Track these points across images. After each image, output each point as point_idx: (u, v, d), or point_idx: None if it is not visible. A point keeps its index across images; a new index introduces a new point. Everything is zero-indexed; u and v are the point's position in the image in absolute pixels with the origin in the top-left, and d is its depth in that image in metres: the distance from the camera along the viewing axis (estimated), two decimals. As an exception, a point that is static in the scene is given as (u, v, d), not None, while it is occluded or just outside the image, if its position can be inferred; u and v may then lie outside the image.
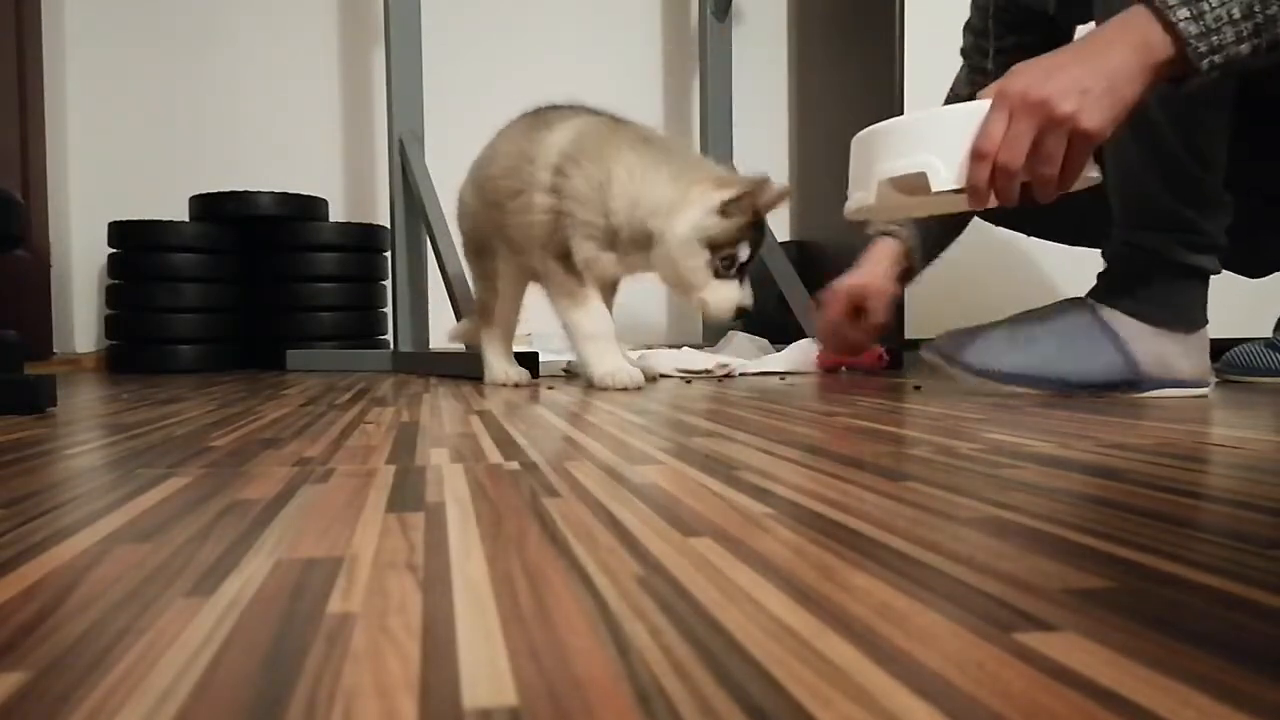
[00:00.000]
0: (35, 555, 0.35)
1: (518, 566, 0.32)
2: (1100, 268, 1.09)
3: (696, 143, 2.51)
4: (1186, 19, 0.81)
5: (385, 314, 2.40)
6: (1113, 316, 1.04)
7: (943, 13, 1.52)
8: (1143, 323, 1.03)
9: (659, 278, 1.29)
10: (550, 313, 1.35)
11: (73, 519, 0.42)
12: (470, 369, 1.52)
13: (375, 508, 0.43)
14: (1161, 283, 1.02)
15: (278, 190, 2.30)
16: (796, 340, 1.80)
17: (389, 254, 2.21)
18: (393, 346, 2.17)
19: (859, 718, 0.20)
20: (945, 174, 0.88)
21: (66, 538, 0.38)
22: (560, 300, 1.30)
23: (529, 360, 1.50)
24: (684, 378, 1.55)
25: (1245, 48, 0.82)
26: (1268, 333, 1.36)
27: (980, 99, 0.89)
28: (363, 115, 2.57)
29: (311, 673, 0.23)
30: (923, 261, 1.35)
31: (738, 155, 2.38)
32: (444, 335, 1.69)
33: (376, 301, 2.40)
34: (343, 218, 2.52)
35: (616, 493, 0.47)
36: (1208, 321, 1.05)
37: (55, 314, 2.38)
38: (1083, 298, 1.07)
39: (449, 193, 1.80)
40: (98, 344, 2.45)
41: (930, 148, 0.90)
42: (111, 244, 2.24)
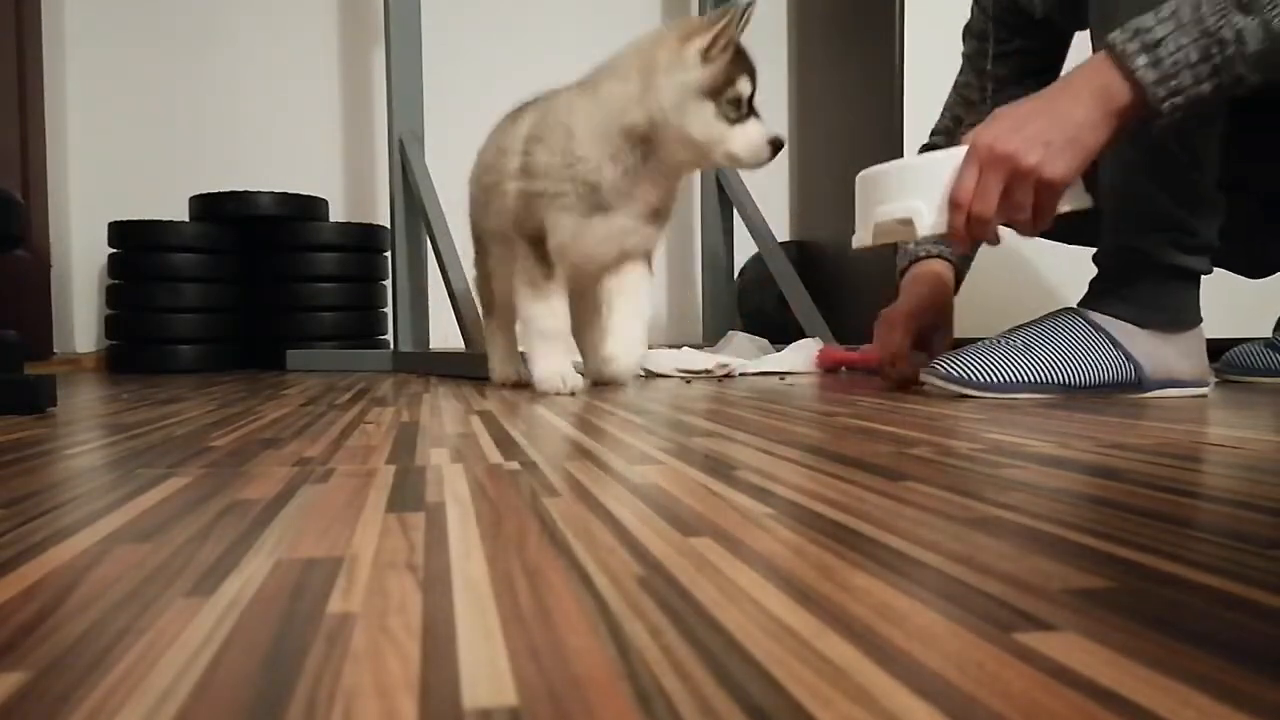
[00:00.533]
0: (35, 555, 0.35)
1: (518, 566, 0.32)
2: (1093, 274, 1.09)
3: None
4: (1144, 66, 0.85)
5: (385, 314, 2.40)
6: (1106, 321, 1.04)
7: (943, 13, 1.52)
8: (1136, 325, 1.03)
9: (684, 165, 1.18)
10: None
11: (73, 519, 0.42)
12: (470, 369, 1.52)
13: (375, 508, 0.43)
14: (1153, 285, 1.03)
15: (278, 190, 2.30)
16: (796, 340, 1.80)
17: (389, 254, 2.21)
18: (393, 346, 2.17)
19: (859, 718, 0.20)
20: (928, 220, 0.96)
21: (66, 538, 0.38)
22: (522, 289, 1.21)
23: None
24: (684, 378, 1.55)
25: (1206, 88, 0.86)
26: (1268, 333, 1.37)
27: (963, 142, 0.94)
28: (363, 115, 2.57)
29: (311, 673, 0.23)
30: (964, 274, 1.34)
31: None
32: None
33: (376, 301, 2.40)
34: (343, 218, 2.52)
35: (616, 493, 0.47)
36: (1201, 320, 1.05)
37: (55, 314, 2.38)
38: (1073, 307, 1.08)
39: (449, 193, 1.80)
40: (98, 344, 2.45)
41: (917, 193, 0.97)
42: (111, 244, 2.24)
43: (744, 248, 2.33)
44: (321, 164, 2.55)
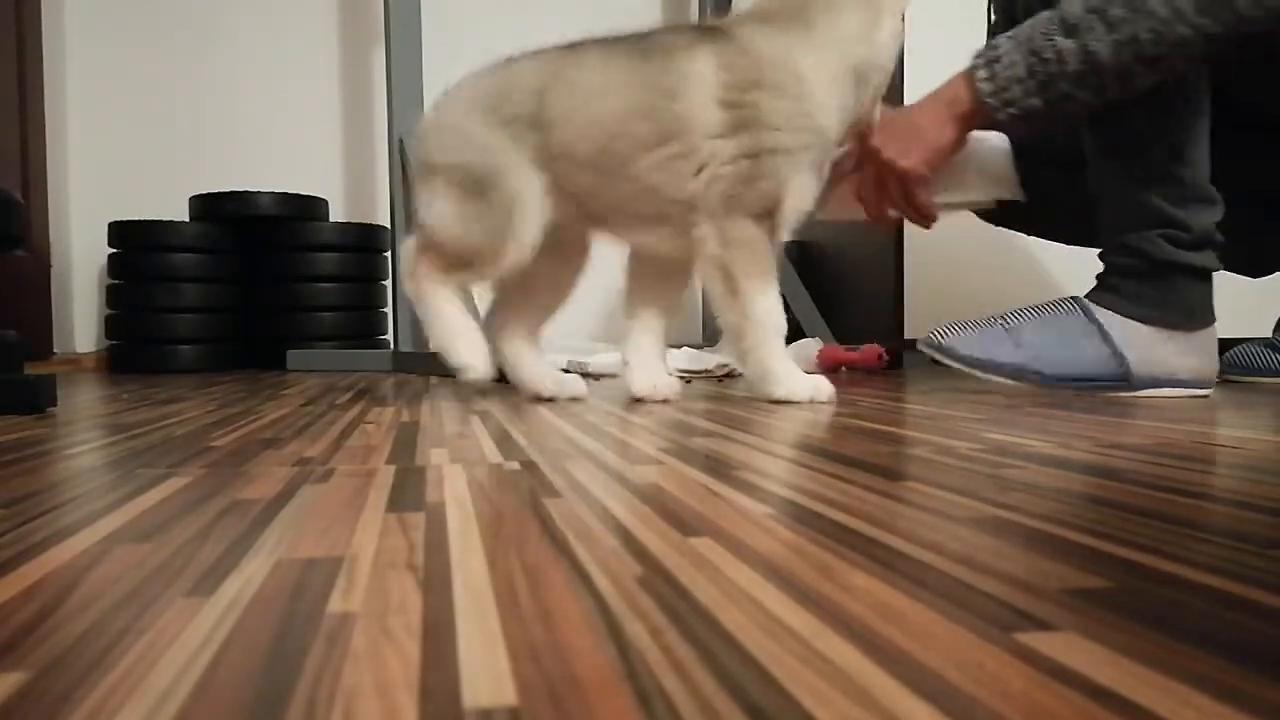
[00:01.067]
0: (35, 555, 0.35)
1: (518, 566, 0.32)
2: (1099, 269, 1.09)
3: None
4: (983, 79, 1.00)
5: (385, 314, 2.40)
6: (1105, 315, 1.05)
7: (943, 12, 1.52)
8: (1135, 321, 1.03)
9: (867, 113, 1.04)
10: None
11: (73, 519, 0.42)
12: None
13: (375, 508, 0.43)
14: (1153, 281, 1.03)
15: (278, 190, 2.30)
16: (796, 340, 1.80)
17: (389, 254, 2.20)
18: (393, 346, 2.17)
19: (859, 717, 0.20)
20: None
21: (66, 538, 0.38)
22: (751, 280, 0.96)
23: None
24: (684, 378, 1.55)
25: (1036, 101, 0.99)
26: (1268, 333, 1.36)
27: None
28: (363, 115, 2.57)
29: (311, 672, 0.23)
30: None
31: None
32: None
33: (376, 301, 2.40)
34: (343, 218, 2.52)
35: (616, 493, 0.47)
36: (1212, 322, 1.05)
37: (55, 314, 2.38)
38: (1078, 296, 1.08)
39: (449, 193, 1.80)
40: (98, 344, 2.45)
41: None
42: (111, 244, 2.24)
43: (744, 248, 2.32)
44: (321, 164, 2.55)
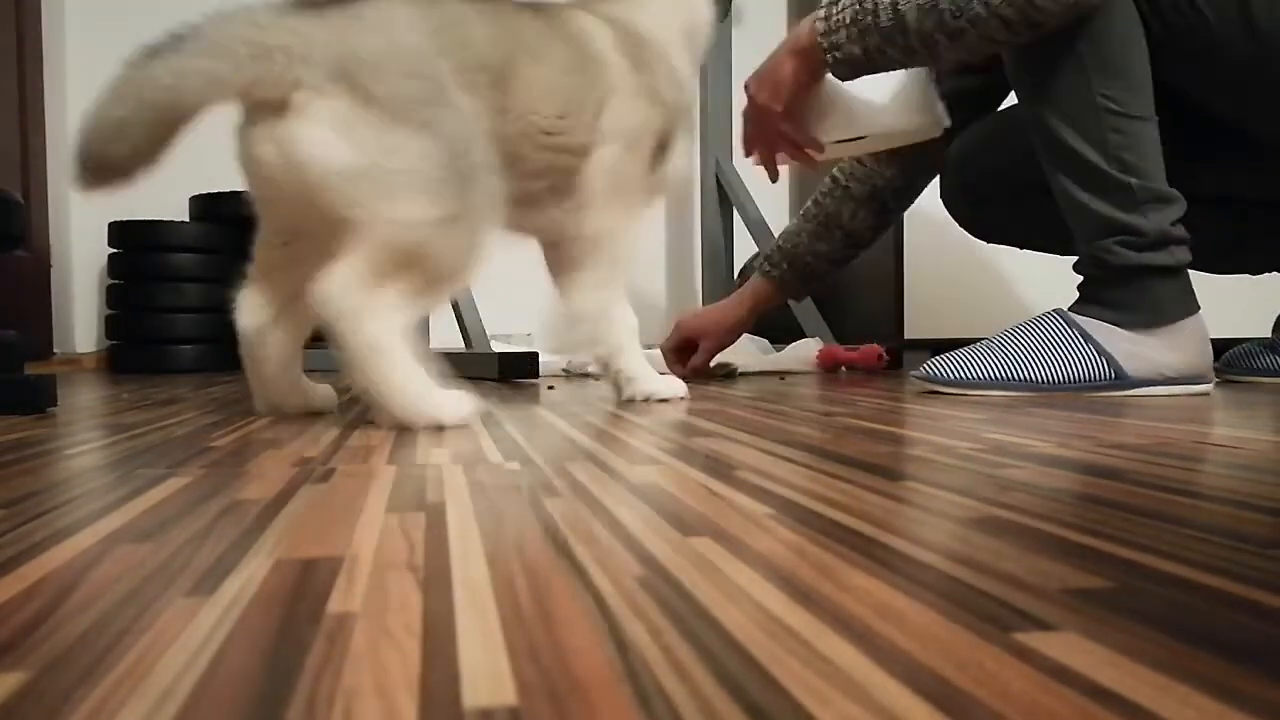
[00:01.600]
0: (35, 555, 0.35)
1: (518, 566, 0.32)
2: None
3: (697, 142, 2.50)
4: (820, 19, 1.08)
5: (385, 314, 2.39)
6: (1086, 322, 1.07)
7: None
8: (1114, 327, 1.05)
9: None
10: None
11: (73, 519, 0.42)
12: (470, 369, 1.52)
13: (375, 508, 0.43)
14: (1121, 286, 1.05)
15: (278, 190, 2.30)
16: (796, 340, 1.80)
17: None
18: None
19: (858, 717, 0.20)
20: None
21: (66, 538, 0.38)
22: (628, 237, 1.03)
23: (529, 360, 1.49)
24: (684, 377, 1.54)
25: (856, 49, 1.06)
26: (1268, 333, 1.37)
27: None
28: (363, 115, 2.57)
29: (311, 672, 0.23)
30: (792, 289, 1.50)
31: (737, 155, 2.37)
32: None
33: (376, 301, 2.39)
34: (343, 218, 2.52)
35: (616, 493, 0.47)
36: (1194, 311, 1.06)
37: (55, 314, 2.38)
38: (1059, 309, 1.11)
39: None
40: (98, 344, 2.45)
41: None
42: (111, 244, 2.24)
43: (744, 248, 2.32)
44: (321, 164, 2.55)
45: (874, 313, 2.05)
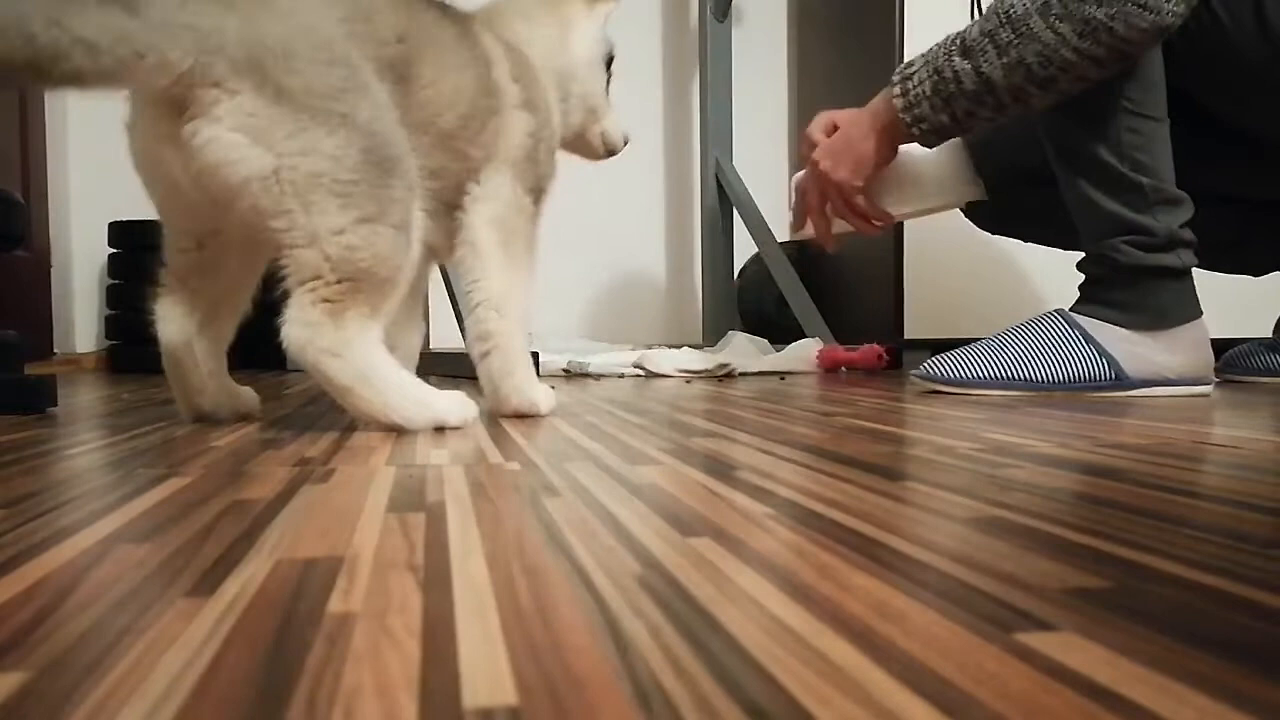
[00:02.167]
0: (35, 555, 0.35)
1: (518, 566, 0.32)
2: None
3: (696, 142, 2.50)
4: (898, 95, 1.08)
5: (385, 314, 2.39)
6: (1085, 320, 1.07)
7: (942, 12, 1.52)
8: (1115, 326, 1.05)
9: (569, 131, 0.99)
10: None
11: (73, 519, 0.42)
12: (470, 369, 1.52)
13: (375, 508, 0.43)
14: (1126, 287, 1.05)
15: (278, 190, 2.30)
16: (796, 340, 1.80)
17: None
18: (393, 346, 2.17)
19: (858, 716, 0.20)
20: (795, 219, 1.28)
21: (66, 538, 0.38)
22: (524, 271, 0.91)
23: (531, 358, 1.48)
24: (684, 378, 1.55)
25: (944, 117, 1.06)
26: (1268, 333, 1.37)
27: None
28: (363, 115, 2.57)
29: (312, 672, 0.23)
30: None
31: (737, 155, 2.38)
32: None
33: (376, 301, 2.39)
34: (343, 218, 2.52)
35: (616, 493, 0.47)
36: (1196, 316, 1.06)
37: (55, 314, 2.38)
38: (1060, 309, 1.11)
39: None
40: (98, 344, 2.45)
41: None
42: (111, 244, 2.24)
43: (744, 248, 2.33)
44: (321, 164, 2.55)
45: (874, 313, 2.04)
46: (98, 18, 0.60)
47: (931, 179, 1.20)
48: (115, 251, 2.24)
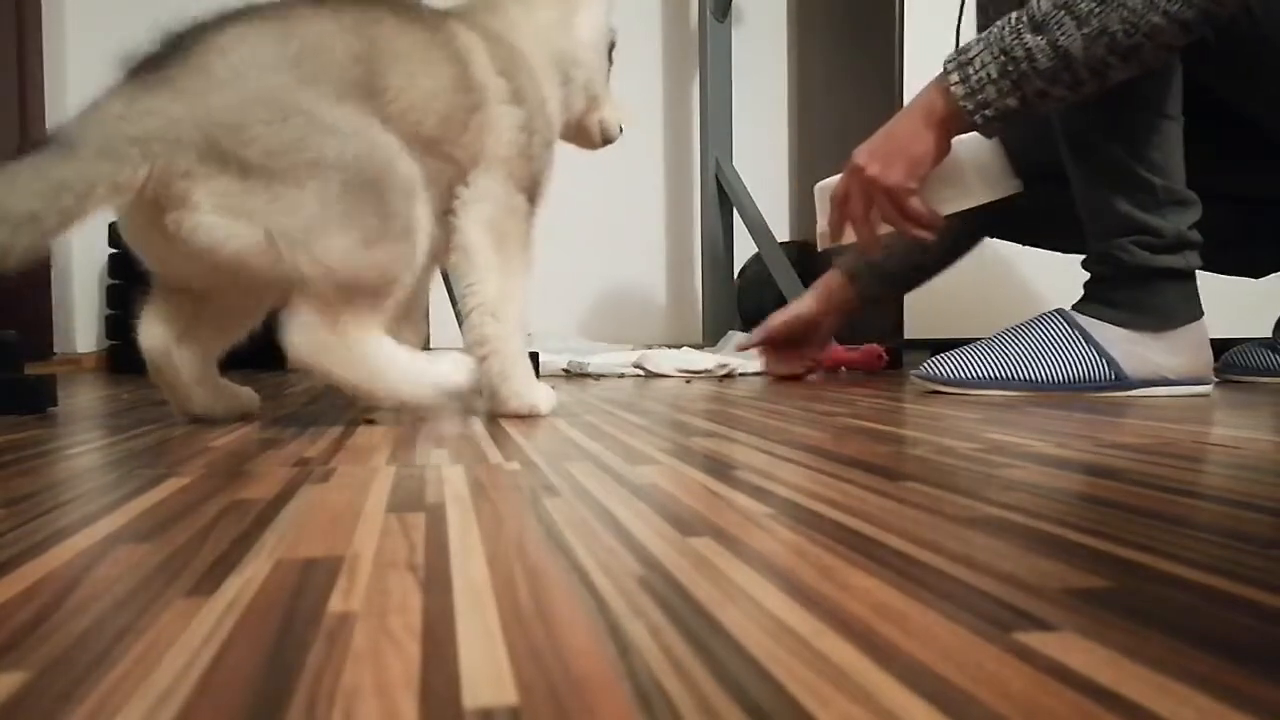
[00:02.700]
0: (35, 555, 0.35)
1: (518, 566, 0.32)
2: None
3: (696, 142, 2.50)
4: (956, 83, 0.99)
5: (385, 314, 2.39)
6: (1088, 322, 1.07)
7: (943, 12, 1.52)
8: (1118, 327, 1.05)
9: (570, 118, 0.99)
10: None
11: (73, 519, 0.42)
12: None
13: (375, 508, 0.43)
14: (1131, 287, 1.05)
15: (278, 190, 2.30)
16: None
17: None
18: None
19: (858, 717, 0.20)
20: (821, 229, 1.20)
21: (66, 538, 0.38)
22: (518, 272, 0.91)
23: (529, 360, 1.48)
24: (684, 378, 1.55)
25: (1012, 100, 0.98)
26: (1268, 333, 1.37)
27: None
28: (363, 115, 2.57)
29: (312, 672, 0.23)
30: (871, 290, 1.40)
31: (737, 155, 2.38)
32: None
33: (376, 301, 2.39)
34: (343, 218, 2.52)
35: (616, 493, 0.47)
36: (1198, 317, 1.06)
37: (55, 314, 2.38)
38: (1061, 309, 1.10)
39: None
40: (98, 344, 2.45)
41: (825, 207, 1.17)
42: (111, 244, 2.24)
43: (744, 248, 2.33)
44: (321, 164, 2.55)
45: (874, 313, 2.04)
46: (30, 184, 0.61)
47: (974, 173, 1.14)
48: (115, 251, 2.24)
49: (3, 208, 0.59)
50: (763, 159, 2.58)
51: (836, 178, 1.15)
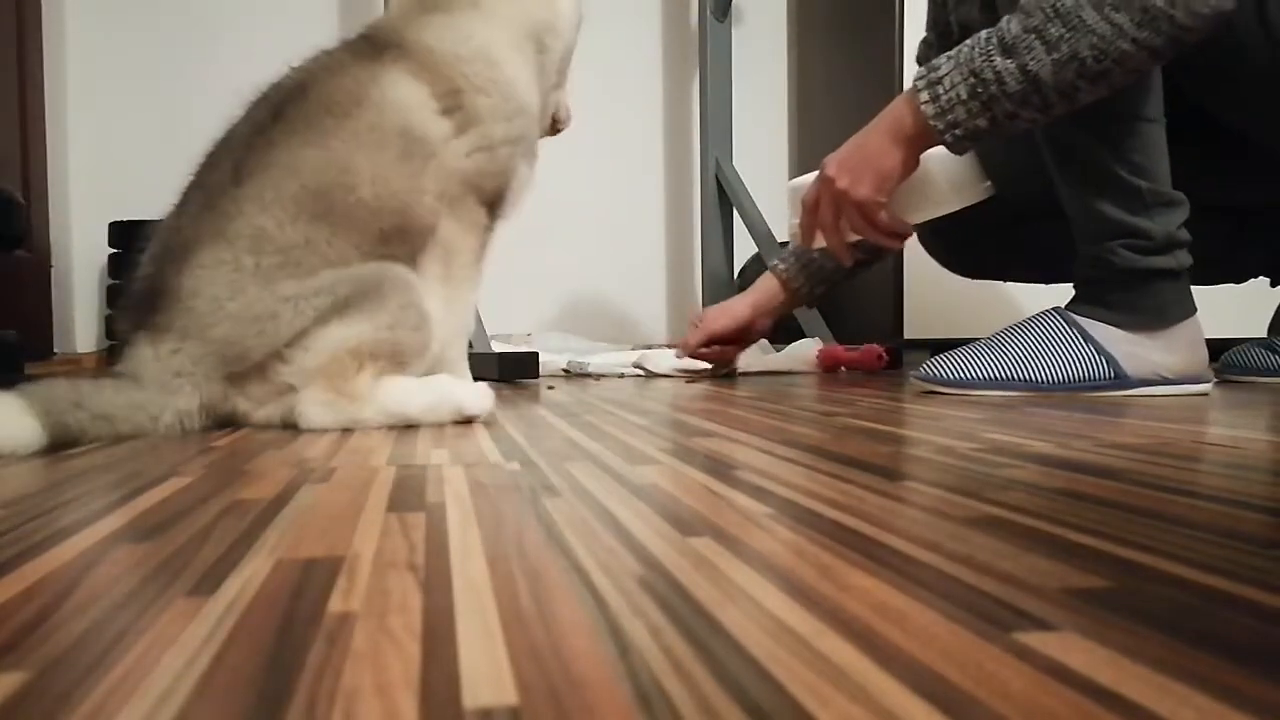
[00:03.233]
0: (35, 555, 0.35)
1: (518, 566, 0.32)
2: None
3: (696, 142, 2.50)
4: (926, 101, 1.00)
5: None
6: (1085, 321, 1.07)
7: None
8: (1113, 327, 1.05)
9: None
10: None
11: (73, 519, 0.42)
12: (471, 369, 1.52)
13: (375, 508, 0.43)
14: (1123, 288, 1.05)
15: (278, 190, 2.30)
16: (797, 340, 1.80)
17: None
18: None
19: (858, 717, 0.20)
20: (793, 228, 1.22)
21: (66, 538, 0.38)
22: (471, 277, 0.93)
23: (529, 360, 1.49)
24: (684, 378, 1.55)
25: (982, 121, 0.98)
26: (1264, 333, 1.37)
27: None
28: (363, 115, 2.56)
29: (312, 672, 0.23)
30: (807, 292, 1.46)
31: (737, 155, 2.38)
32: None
33: (376, 301, 2.39)
34: (343, 218, 2.52)
35: (616, 493, 0.47)
36: (1191, 314, 1.06)
37: (55, 314, 2.38)
38: (1058, 307, 1.10)
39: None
40: (98, 344, 2.45)
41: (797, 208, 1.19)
42: (111, 244, 2.24)
43: (744, 248, 2.33)
44: (321, 164, 2.54)
45: (874, 313, 2.05)
46: (114, 397, 0.74)
47: (944, 182, 1.15)
48: (115, 251, 2.24)
49: (91, 402, 0.72)
50: (763, 159, 2.58)
51: (808, 176, 1.17)
